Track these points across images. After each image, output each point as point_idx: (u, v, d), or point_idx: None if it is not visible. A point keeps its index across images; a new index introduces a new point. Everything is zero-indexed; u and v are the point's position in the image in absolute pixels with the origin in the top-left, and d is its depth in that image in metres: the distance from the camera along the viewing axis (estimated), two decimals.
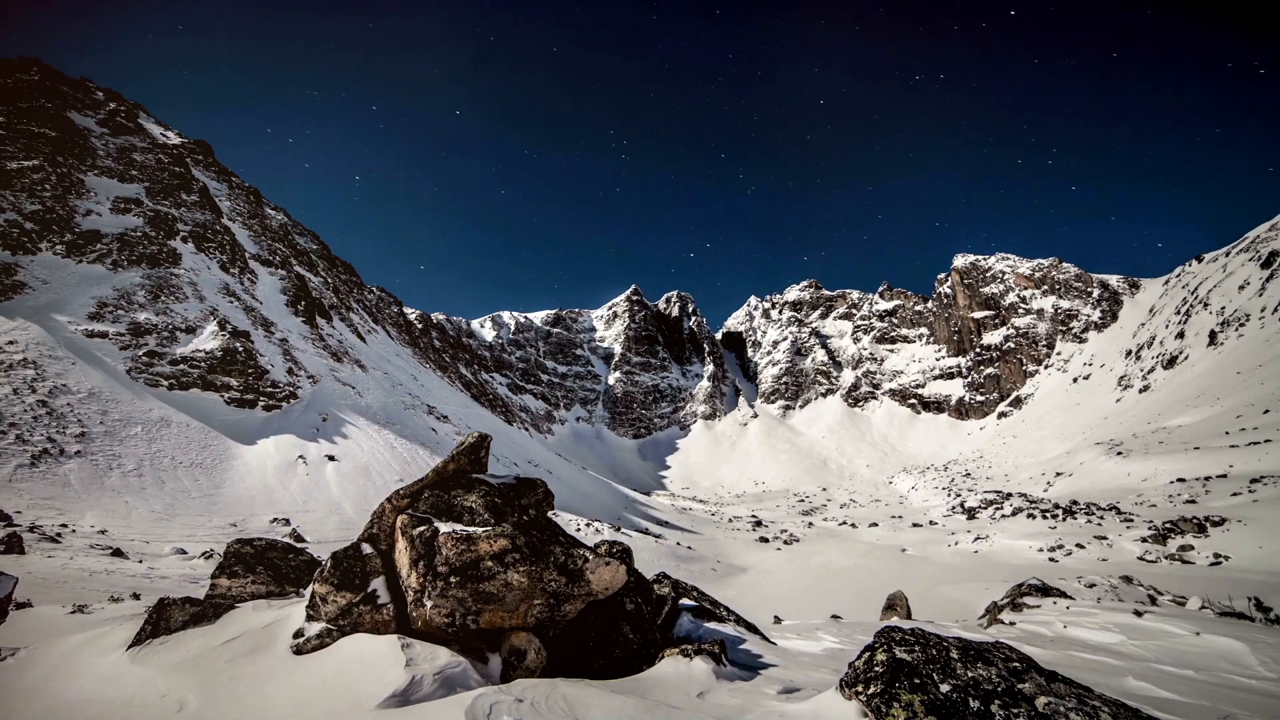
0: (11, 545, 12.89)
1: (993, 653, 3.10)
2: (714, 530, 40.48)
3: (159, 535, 17.85)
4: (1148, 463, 39.30)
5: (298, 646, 4.06)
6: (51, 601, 8.67)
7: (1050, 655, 5.82)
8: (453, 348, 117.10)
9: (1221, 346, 64.72)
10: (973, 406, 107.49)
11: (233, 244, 43.38)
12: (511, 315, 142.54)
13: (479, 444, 5.31)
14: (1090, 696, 2.85)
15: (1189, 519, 23.66)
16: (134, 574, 12.61)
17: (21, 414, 22.79)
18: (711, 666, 4.03)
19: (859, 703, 2.92)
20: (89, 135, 42.50)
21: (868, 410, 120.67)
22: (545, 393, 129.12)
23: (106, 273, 34.28)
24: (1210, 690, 4.51)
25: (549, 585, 4.28)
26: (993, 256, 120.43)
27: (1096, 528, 27.36)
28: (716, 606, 6.71)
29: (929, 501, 59.58)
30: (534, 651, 4.09)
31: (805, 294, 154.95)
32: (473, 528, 4.41)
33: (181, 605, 4.62)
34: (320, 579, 4.31)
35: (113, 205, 38.59)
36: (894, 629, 3.28)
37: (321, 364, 38.81)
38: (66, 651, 4.48)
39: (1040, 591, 10.04)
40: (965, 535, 31.71)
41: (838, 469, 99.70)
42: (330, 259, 70.40)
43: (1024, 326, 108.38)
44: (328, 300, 52.48)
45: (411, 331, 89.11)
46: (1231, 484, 28.76)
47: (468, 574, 4.06)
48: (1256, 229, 77.61)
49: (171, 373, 30.17)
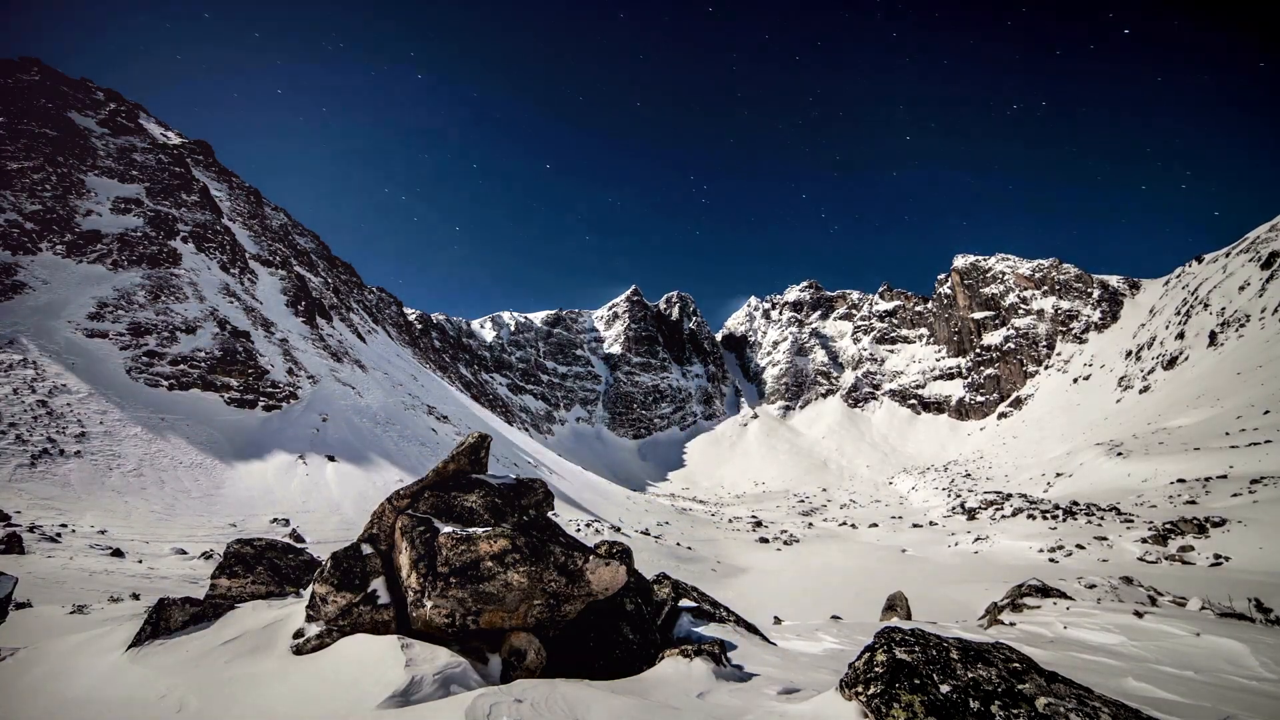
0: (11, 545, 12.89)
1: (993, 653, 3.10)
2: (714, 530, 40.47)
3: (159, 535, 17.84)
4: (1148, 463, 39.29)
5: (298, 647, 4.06)
6: (51, 601, 8.66)
7: (1050, 656, 5.82)
8: (453, 348, 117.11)
9: (1222, 347, 64.70)
10: (973, 407, 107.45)
11: (233, 244, 43.38)
12: (511, 315, 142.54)
13: (479, 444, 5.31)
14: (1090, 697, 2.85)
15: (1189, 520, 23.64)
16: (134, 574, 12.61)
17: (21, 414, 22.79)
18: (711, 667, 4.03)
19: (859, 703, 2.91)
20: (89, 135, 42.51)
21: (868, 411, 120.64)
22: (545, 393, 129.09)
23: (107, 273, 34.28)
24: (1211, 691, 4.51)
25: (549, 585, 4.28)
26: (993, 257, 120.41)
27: (1097, 528, 27.35)
28: (716, 607, 6.70)
29: (929, 502, 59.54)
30: (534, 652, 4.08)
31: (805, 294, 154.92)
32: (473, 528, 4.41)
33: (181, 605, 4.62)
34: (320, 579, 4.31)
35: (113, 205, 38.59)
36: (894, 629, 3.28)
37: (322, 364, 38.81)
38: (66, 651, 4.48)
39: (1040, 592, 10.03)
40: (965, 536, 31.70)
41: (838, 469, 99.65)
42: (330, 259, 70.43)
43: (1024, 327, 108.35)
44: (328, 300, 52.49)
45: (411, 332, 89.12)
46: (1232, 485, 28.74)
47: (468, 574, 4.06)
48: (1256, 229, 77.60)
49: (171, 373, 30.16)
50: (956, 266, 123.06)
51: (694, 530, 39.31)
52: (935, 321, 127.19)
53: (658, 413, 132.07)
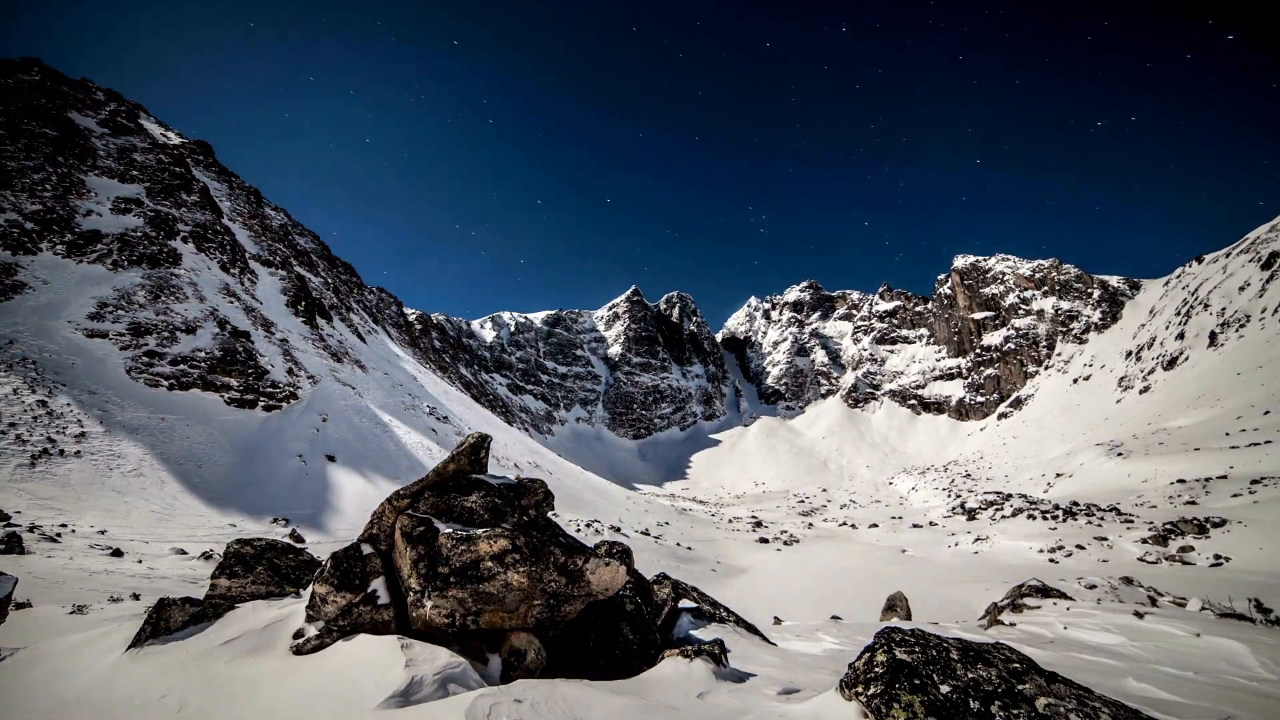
0: (11, 545, 12.89)
1: (993, 654, 3.10)
2: (714, 531, 40.46)
3: (159, 535, 17.84)
4: (1148, 464, 39.30)
5: (297, 647, 4.06)
6: (51, 601, 8.67)
7: (1050, 656, 5.81)
8: (453, 348, 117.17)
9: (1222, 347, 64.71)
10: (973, 407, 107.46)
11: (233, 244, 43.38)
12: (511, 316, 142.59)
13: (479, 444, 5.31)
14: (1091, 698, 2.85)
15: (1189, 520, 23.64)
16: (134, 574, 12.61)
17: (21, 414, 22.78)
18: (711, 667, 4.03)
19: (859, 703, 2.91)
20: (89, 135, 42.52)
21: (868, 411, 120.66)
22: (545, 393, 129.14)
23: (107, 273, 34.28)
24: (1211, 692, 4.51)
25: (549, 586, 4.28)
26: (993, 257, 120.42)
27: (1097, 529, 27.34)
28: (716, 607, 6.70)
29: (929, 502, 59.53)
30: (534, 652, 4.08)
31: (805, 295, 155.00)
32: (473, 528, 4.41)
33: (181, 605, 4.62)
34: (320, 579, 4.31)
35: (113, 205, 38.60)
36: (894, 630, 3.28)
37: (322, 364, 38.82)
38: (66, 651, 4.48)
39: (1040, 592, 10.03)
40: (965, 536, 31.69)
41: (838, 470, 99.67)
42: (330, 259, 70.46)
43: (1024, 327, 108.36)
44: (328, 300, 52.50)
45: (411, 332, 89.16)
46: (1232, 485, 28.75)
47: (468, 575, 4.06)
48: (1257, 230, 77.61)
49: (171, 373, 30.16)
50: (956, 267, 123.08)
51: (694, 530, 39.30)
52: (935, 322, 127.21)
53: (658, 413, 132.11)
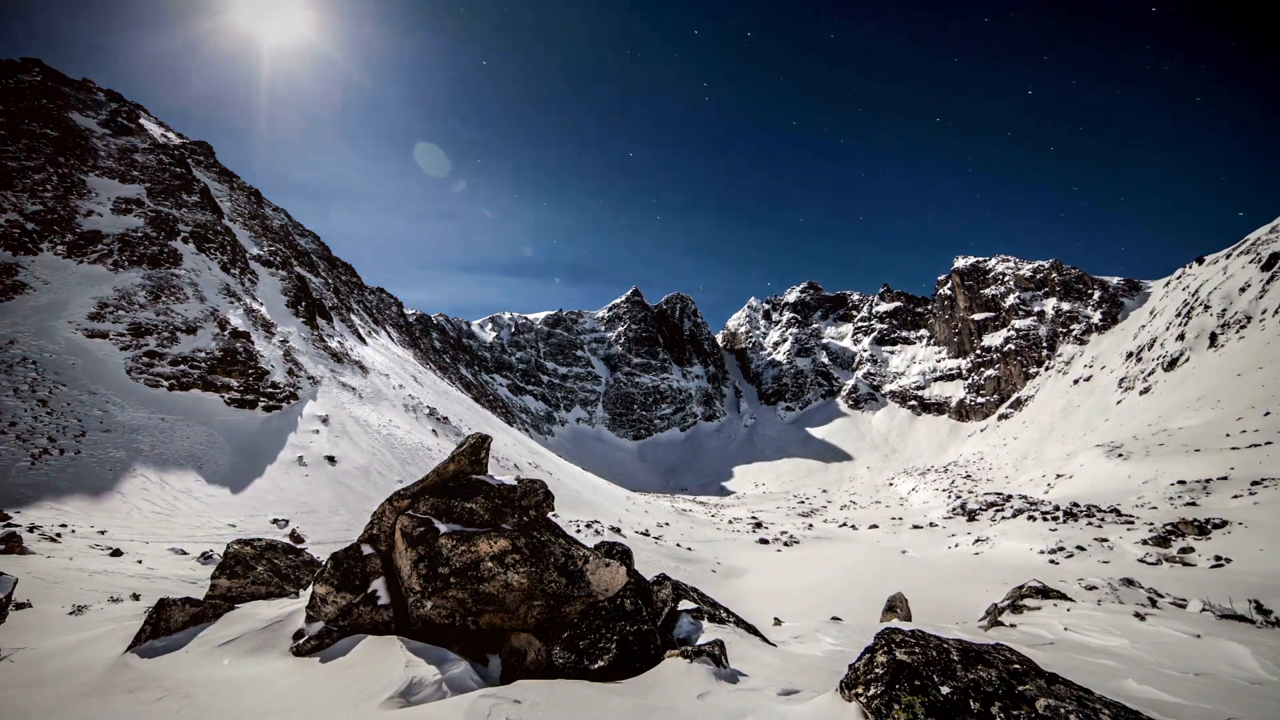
0: (11, 545, 12.89)
1: (993, 655, 3.10)
2: (714, 531, 40.44)
3: (159, 535, 17.84)
4: (1148, 465, 39.25)
5: (298, 647, 4.06)
6: (51, 601, 8.67)
7: (1051, 658, 5.81)
8: (453, 349, 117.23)
9: (1222, 349, 64.67)
10: (973, 408, 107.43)
11: (233, 245, 43.40)
12: (511, 316, 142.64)
13: (479, 445, 5.31)
14: (1091, 699, 2.84)
15: (1190, 521, 23.61)
16: (133, 574, 12.60)
17: (21, 414, 22.80)
18: (711, 668, 4.03)
19: (859, 704, 2.91)
20: (90, 136, 42.57)
21: (868, 412, 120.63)
22: (545, 394, 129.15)
23: (107, 273, 34.29)
24: (1211, 693, 4.50)
25: (549, 586, 4.28)
26: (993, 258, 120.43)
27: (1097, 530, 27.31)
28: (716, 608, 6.70)
29: (929, 503, 59.48)
30: (534, 653, 4.08)
31: (805, 295, 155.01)
32: (473, 529, 4.41)
33: (181, 605, 4.62)
34: (320, 579, 4.31)
35: (114, 206, 38.62)
36: (894, 631, 3.28)
37: (322, 365, 38.83)
38: (66, 651, 4.48)
39: (1041, 594, 10.02)
40: (965, 537, 31.65)
41: (838, 470, 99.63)
42: (331, 260, 70.50)
43: (1024, 328, 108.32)
44: (328, 301, 52.52)
45: (412, 332, 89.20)
46: (1232, 486, 28.72)
47: (468, 575, 4.06)
48: (1257, 231, 77.56)
49: (172, 373, 30.16)
50: (957, 267, 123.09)
51: (694, 531, 39.28)
52: (935, 322, 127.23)
53: (658, 413, 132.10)
